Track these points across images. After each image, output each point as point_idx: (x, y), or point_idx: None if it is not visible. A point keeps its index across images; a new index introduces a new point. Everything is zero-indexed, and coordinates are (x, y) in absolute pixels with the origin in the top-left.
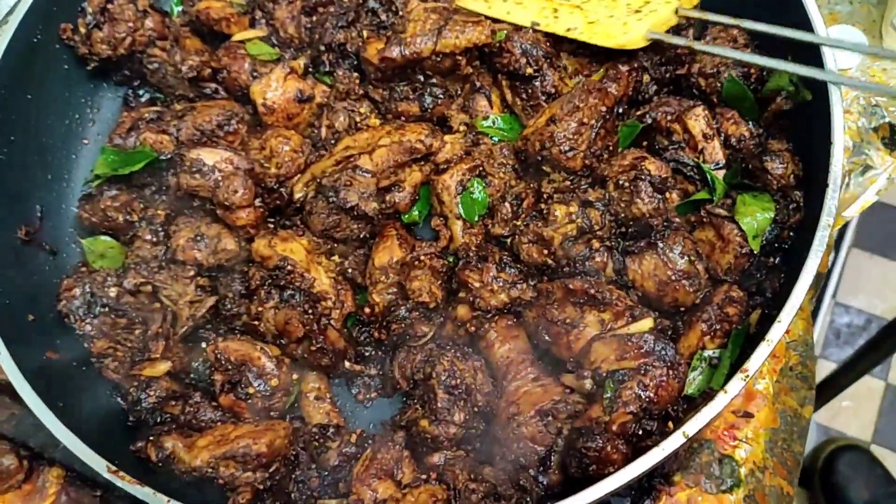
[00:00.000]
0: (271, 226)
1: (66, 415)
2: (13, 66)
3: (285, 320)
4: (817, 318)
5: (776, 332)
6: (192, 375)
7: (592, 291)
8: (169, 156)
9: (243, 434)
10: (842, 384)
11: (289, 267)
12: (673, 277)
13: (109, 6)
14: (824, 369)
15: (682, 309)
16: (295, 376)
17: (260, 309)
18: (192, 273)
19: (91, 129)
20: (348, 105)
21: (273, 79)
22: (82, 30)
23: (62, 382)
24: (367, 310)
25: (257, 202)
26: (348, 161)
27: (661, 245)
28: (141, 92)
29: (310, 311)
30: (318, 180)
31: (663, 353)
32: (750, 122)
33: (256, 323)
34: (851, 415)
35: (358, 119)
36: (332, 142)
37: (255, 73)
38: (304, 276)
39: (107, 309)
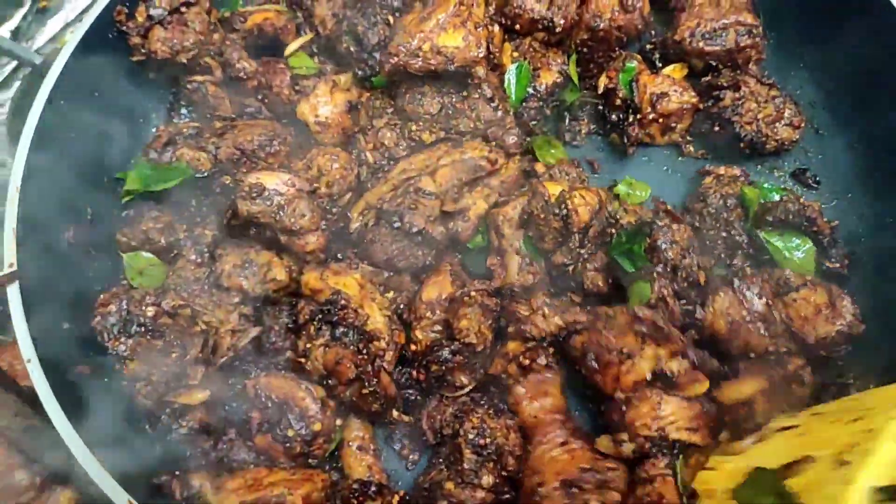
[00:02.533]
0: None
1: (88, 437)
2: (86, 61)
3: (336, 360)
4: None
5: None
6: (227, 410)
7: (660, 323)
8: (206, 174)
9: (278, 481)
10: None
11: (342, 302)
12: (747, 318)
13: (183, 10)
14: None
15: (752, 355)
16: (339, 422)
17: (309, 346)
18: (236, 300)
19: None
20: (390, 120)
21: (320, 94)
22: (139, 18)
23: (89, 401)
24: (412, 346)
25: (322, 224)
26: (409, 184)
27: (737, 282)
28: (183, 111)
29: (363, 350)
30: (378, 207)
31: None
32: None
33: (303, 360)
34: None
35: (412, 129)
36: (382, 162)
37: (297, 88)
38: (358, 313)
39: (143, 329)
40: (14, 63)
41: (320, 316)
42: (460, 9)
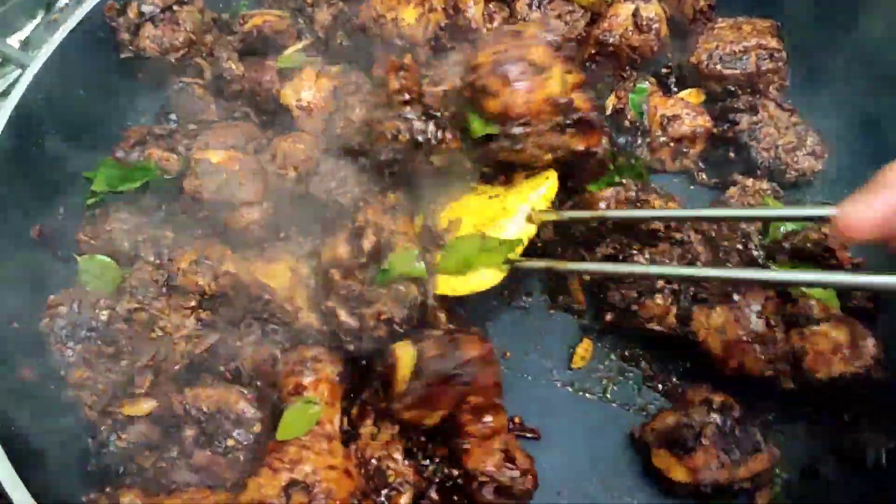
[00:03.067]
0: None
1: (16, 444)
2: (73, 55)
3: (263, 359)
4: None
5: None
6: (172, 423)
7: None
8: (175, 176)
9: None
10: None
11: (266, 297)
12: (744, 338)
13: (176, 8)
14: None
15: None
16: None
17: (238, 343)
18: (192, 303)
19: None
20: (361, 98)
21: (305, 78)
22: (131, 15)
23: (25, 408)
24: None
25: (266, 205)
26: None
27: (737, 297)
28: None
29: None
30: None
31: None
32: None
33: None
34: None
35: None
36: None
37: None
38: (285, 308)
39: (94, 334)
40: (20, 71)
41: (251, 313)
42: None
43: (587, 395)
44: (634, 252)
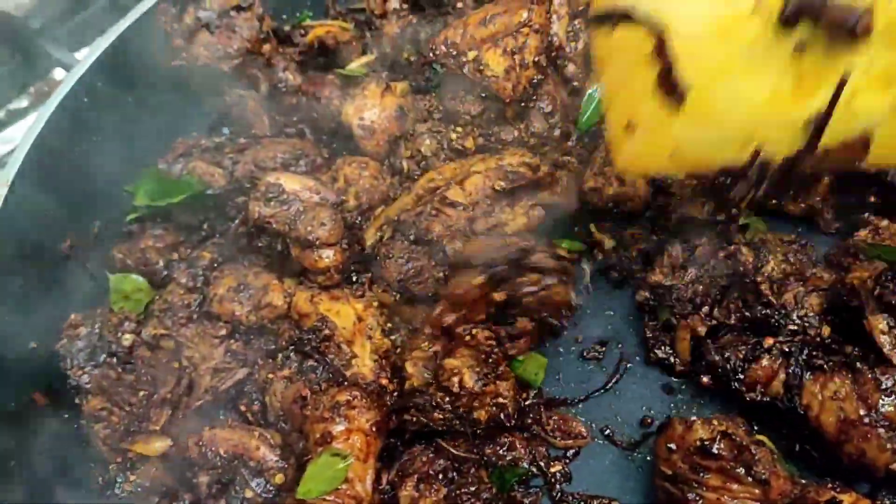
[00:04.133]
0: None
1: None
2: (122, 60)
3: (294, 398)
4: None
5: None
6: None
7: None
8: (219, 191)
9: None
10: None
11: (326, 332)
12: (866, 419)
13: (233, 14)
14: None
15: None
16: None
17: (270, 376)
18: (223, 332)
19: None
20: (433, 126)
21: (368, 95)
22: (187, 20)
23: (33, 436)
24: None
25: (344, 244)
26: (434, 195)
27: (860, 365)
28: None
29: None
30: (396, 219)
31: None
32: None
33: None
34: None
35: (451, 139)
36: (417, 173)
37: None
38: (342, 349)
39: (114, 359)
40: None
41: (293, 345)
42: (518, 33)
43: None
44: None
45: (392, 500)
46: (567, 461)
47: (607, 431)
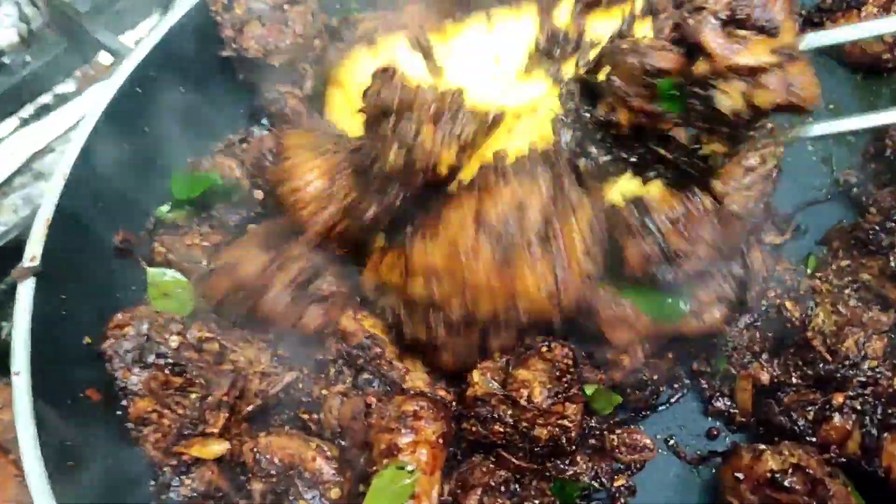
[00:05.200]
0: None
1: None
2: (175, 50)
3: (353, 415)
4: None
5: None
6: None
7: None
8: (235, 182)
9: None
10: None
11: (375, 350)
12: None
13: (286, 7)
14: None
15: None
16: (362, 488)
17: (324, 392)
18: (270, 336)
19: None
20: None
21: None
22: (238, 10)
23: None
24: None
25: None
26: None
27: None
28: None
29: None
30: None
31: None
32: None
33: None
34: None
35: None
36: None
37: None
38: (394, 365)
39: (163, 361)
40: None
41: (343, 359)
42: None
43: None
44: None
45: None
46: (630, 474)
47: (671, 442)
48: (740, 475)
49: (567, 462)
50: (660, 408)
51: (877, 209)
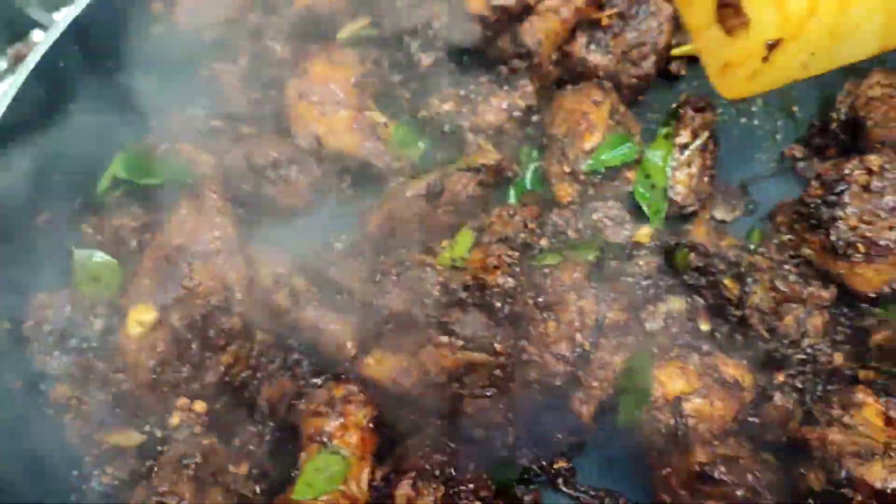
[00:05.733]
0: None
1: None
2: (100, 23)
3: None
4: None
5: None
6: None
7: None
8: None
9: None
10: None
11: None
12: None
13: None
14: None
15: None
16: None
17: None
18: None
19: None
20: None
21: None
22: None
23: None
24: None
25: None
26: None
27: None
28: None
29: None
30: None
31: None
32: None
33: None
34: None
35: None
36: None
37: None
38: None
39: (85, 345)
40: None
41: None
42: None
43: None
44: None
45: (386, 497)
46: (569, 458)
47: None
48: (669, 470)
49: None
50: None
51: (819, 183)
